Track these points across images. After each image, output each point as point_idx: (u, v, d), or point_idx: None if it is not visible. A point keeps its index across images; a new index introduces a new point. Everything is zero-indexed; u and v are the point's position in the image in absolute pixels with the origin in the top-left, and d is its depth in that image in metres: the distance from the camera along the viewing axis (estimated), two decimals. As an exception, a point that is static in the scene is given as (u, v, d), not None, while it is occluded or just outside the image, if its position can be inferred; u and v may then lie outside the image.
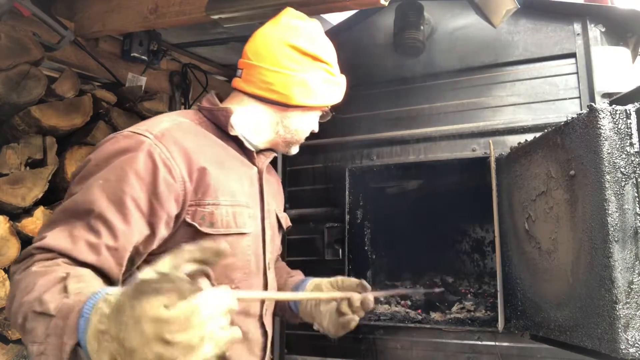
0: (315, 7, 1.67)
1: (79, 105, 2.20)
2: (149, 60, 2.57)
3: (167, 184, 1.03)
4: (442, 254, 2.89)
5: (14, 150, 2.03)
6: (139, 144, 1.04)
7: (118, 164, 1.00)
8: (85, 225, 0.95)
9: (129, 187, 0.99)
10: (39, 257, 0.90)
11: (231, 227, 1.15)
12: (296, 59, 1.25)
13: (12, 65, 1.97)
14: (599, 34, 1.93)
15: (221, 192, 1.13)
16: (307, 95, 1.27)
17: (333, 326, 1.33)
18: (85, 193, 0.98)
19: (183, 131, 1.13)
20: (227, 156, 1.21)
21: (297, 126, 1.33)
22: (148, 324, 0.66)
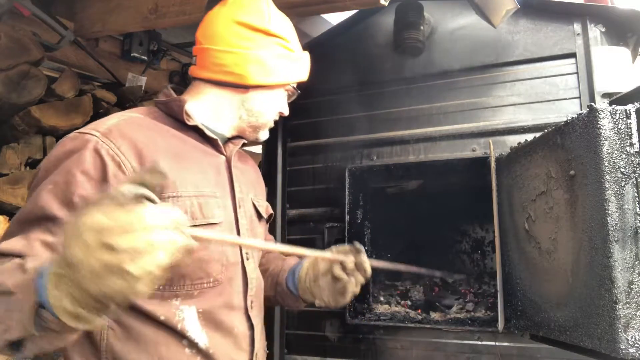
0: (315, 7, 1.67)
1: (79, 105, 2.21)
2: (149, 60, 2.58)
3: (118, 180, 1.00)
4: (442, 254, 2.89)
5: (14, 150, 2.03)
6: (84, 142, 1.01)
7: (65, 167, 0.99)
8: (40, 229, 0.94)
9: (78, 187, 0.97)
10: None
11: (198, 218, 1.10)
12: (247, 36, 1.19)
13: (12, 65, 1.97)
14: (599, 34, 1.93)
15: (180, 184, 1.09)
16: (264, 73, 1.21)
17: (332, 296, 1.30)
18: (36, 200, 0.96)
19: (132, 126, 1.09)
20: (185, 147, 1.17)
21: (260, 108, 1.26)
22: (89, 233, 0.65)
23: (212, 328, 1.12)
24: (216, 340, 1.12)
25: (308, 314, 2.20)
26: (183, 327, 1.07)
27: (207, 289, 1.12)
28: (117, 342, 1.03)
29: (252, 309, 1.24)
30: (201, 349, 1.09)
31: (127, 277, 0.65)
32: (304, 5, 1.64)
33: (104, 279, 0.65)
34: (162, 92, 1.24)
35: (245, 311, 1.22)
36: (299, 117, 2.37)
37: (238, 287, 1.20)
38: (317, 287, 1.33)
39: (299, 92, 1.36)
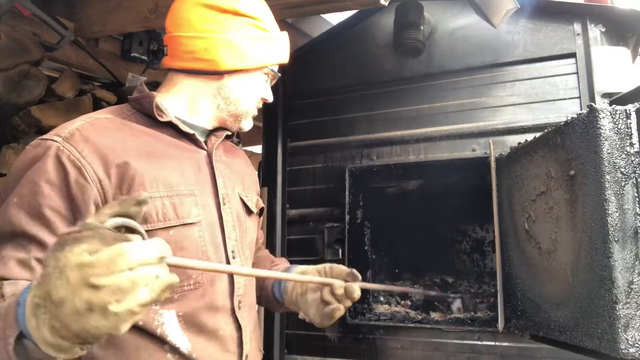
0: (315, 7, 1.67)
1: (79, 105, 2.21)
2: (149, 60, 2.57)
3: (80, 186, 0.96)
4: (442, 254, 2.89)
5: (14, 150, 2.03)
6: (45, 149, 0.97)
7: (29, 177, 0.95)
8: (12, 246, 0.91)
9: (43, 198, 0.93)
10: None
11: (170, 219, 1.05)
12: (215, 19, 1.12)
13: (12, 65, 1.97)
14: (599, 34, 1.93)
15: (150, 184, 1.04)
16: (237, 56, 1.13)
17: (318, 316, 1.26)
18: (3, 215, 0.93)
19: (97, 128, 1.04)
20: (159, 145, 1.10)
21: (238, 94, 1.19)
22: (72, 271, 0.64)
23: (195, 332, 1.08)
24: (200, 344, 1.09)
25: (308, 314, 2.20)
26: (163, 332, 1.04)
27: (188, 291, 1.08)
28: (97, 349, 1.00)
29: (240, 310, 1.19)
30: (184, 353, 1.06)
31: (110, 316, 0.65)
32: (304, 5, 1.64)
33: (86, 318, 0.65)
34: (136, 89, 1.18)
35: (232, 312, 1.17)
36: (299, 117, 2.37)
37: (223, 288, 1.15)
38: (304, 302, 1.29)
39: (280, 75, 1.28)
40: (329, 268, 1.30)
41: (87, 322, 0.65)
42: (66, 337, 0.68)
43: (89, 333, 0.66)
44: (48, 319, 0.67)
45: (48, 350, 0.69)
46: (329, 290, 1.23)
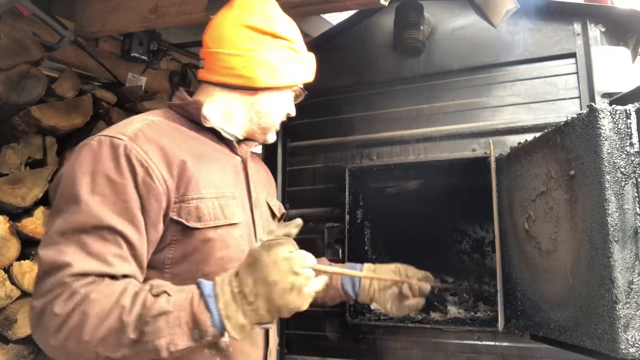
0: (315, 7, 1.67)
1: (79, 105, 2.21)
2: (149, 60, 2.58)
3: (147, 186, 1.02)
4: (442, 254, 2.89)
5: (14, 150, 2.03)
6: (114, 148, 1.02)
7: (105, 176, 1.00)
8: (99, 240, 0.96)
9: (125, 195, 1.00)
10: (79, 284, 0.91)
11: (220, 219, 1.13)
12: (254, 39, 1.20)
13: (12, 65, 1.97)
14: (599, 34, 1.93)
15: (203, 185, 1.11)
16: (272, 75, 1.22)
17: (397, 308, 1.52)
18: (86, 208, 0.96)
19: (156, 129, 1.11)
20: (205, 149, 1.18)
21: (269, 109, 1.27)
22: (283, 262, 0.96)
23: None
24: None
25: (308, 314, 2.20)
26: None
27: None
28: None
29: None
30: (221, 347, 1.10)
31: (303, 295, 0.98)
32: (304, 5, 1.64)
33: (289, 295, 0.96)
34: (176, 96, 1.26)
35: None
36: (299, 117, 2.35)
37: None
38: (382, 297, 1.53)
39: (306, 92, 1.38)
40: (404, 268, 1.57)
41: (289, 298, 0.96)
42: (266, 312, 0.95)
43: (287, 307, 0.96)
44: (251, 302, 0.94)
45: (236, 332, 0.94)
46: (407, 286, 1.50)
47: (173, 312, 0.91)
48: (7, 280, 1.93)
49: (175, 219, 1.07)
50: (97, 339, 0.89)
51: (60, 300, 0.90)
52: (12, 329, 1.91)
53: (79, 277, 0.92)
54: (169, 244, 1.08)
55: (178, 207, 1.07)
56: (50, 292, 0.91)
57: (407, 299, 1.50)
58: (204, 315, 0.92)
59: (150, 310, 0.90)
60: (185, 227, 1.08)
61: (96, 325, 0.89)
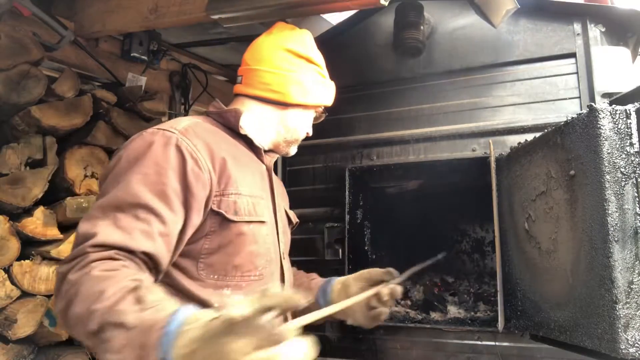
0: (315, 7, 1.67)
1: (79, 105, 2.20)
2: (149, 60, 2.57)
3: (195, 174, 1.10)
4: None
5: (14, 150, 2.03)
6: (166, 138, 1.11)
7: (152, 159, 1.07)
8: (131, 217, 1.00)
9: (167, 179, 1.06)
10: (95, 257, 0.93)
11: (253, 215, 1.22)
12: (291, 61, 1.36)
13: (12, 65, 1.97)
14: (599, 34, 1.93)
15: (240, 183, 1.21)
16: (303, 94, 1.36)
17: (365, 320, 1.46)
18: (126, 188, 1.02)
19: (201, 128, 1.22)
20: (239, 152, 1.29)
21: (296, 125, 1.41)
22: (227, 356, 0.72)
23: None
24: None
25: (308, 314, 2.20)
26: None
27: (253, 281, 1.22)
28: None
29: (286, 273, 1.39)
30: None
31: None
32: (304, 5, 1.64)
33: None
34: (212, 105, 1.38)
35: (281, 278, 1.36)
36: (299, 117, 2.37)
37: (277, 282, 1.33)
38: (350, 309, 1.43)
39: (327, 114, 1.51)
40: (367, 273, 1.50)
41: None
42: None
43: None
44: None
45: None
46: (375, 298, 1.42)
47: (132, 331, 0.81)
48: (7, 280, 1.93)
49: (215, 210, 1.15)
50: (77, 317, 0.88)
51: (77, 267, 0.92)
52: (12, 329, 1.91)
53: (100, 248, 0.94)
54: (206, 235, 1.15)
55: (219, 199, 1.16)
56: (73, 259, 0.95)
57: (373, 309, 1.45)
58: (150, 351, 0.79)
59: (115, 315, 0.83)
60: (224, 219, 1.16)
61: (80, 301, 0.88)
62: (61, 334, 2.07)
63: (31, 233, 1.99)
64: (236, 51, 3.01)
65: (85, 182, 2.21)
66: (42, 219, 2.04)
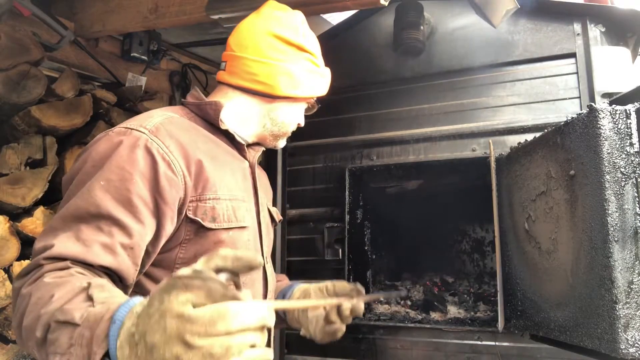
0: (315, 7, 1.67)
1: (79, 105, 2.20)
2: (149, 60, 2.57)
3: (168, 179, 1.00)
4: (442, 254, 2.89)
5: (14, 150, 2.03)
6: (135, 139, 1.00)
7: (116, 163, 0.96)
8: (93, 228, 0.91)
9: (133, 185, 0.95)
10: (49, 268, 0.85)
11: (232, 221, 1.13)
12: (280, 49, 1.22)
13: (12, 65, 1.97)
14: (599, 34, 1.93)
15: (219, 187, 1.11)
16: (293, 85, 1.24)
17: (320, 333, 1.29)
18: (87, 196, 0.93)
19: (175, 125, 1.10)
20: (219, 150, 1.18)
21: (284, 118, 1.29)
22: (171, 320, 0.62)
23: None
24: None
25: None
26: None
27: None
28: None
29: (267, 264, 1.29)
30: None
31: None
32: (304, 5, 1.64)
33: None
34: (191, 94, 1.25)
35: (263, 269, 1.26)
36: (299, 117, 2.37)
37: (259, 290, 1.24)
38: (306, 319, 1.31)
39: (319, 105, 1.40)
40: (332, 285, 1.32)
41: None
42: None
43: None
44: (139, 353, 0.64)
45: None
46: (335, 310, 1.24)
47: (80, 327, 0.72)
48: (7, 280, 1.93)
49: (191, 218, 1.06)
50: (26, 329, 0.80)
51: (30, 280, 0.85)
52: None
53: (54, 260, 0.87)
54: (180, 243, 1.07)
55: (195, 206, 1.06)
56: (27, 272, 0.88)
57: (332, 324, 1.26)
58: (97, 344, 0.70)
59: (62, 313, 0.74)
60: (200, 227, 1.07)
61: (29, 312, 0.79)
62: (61, 334, 2.07)
63: (31, 233, 1.99)
64: (236, 51, 3.01)
65: (85, 182, 2.21)
66: (42, 219, 2.04)
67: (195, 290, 0.63)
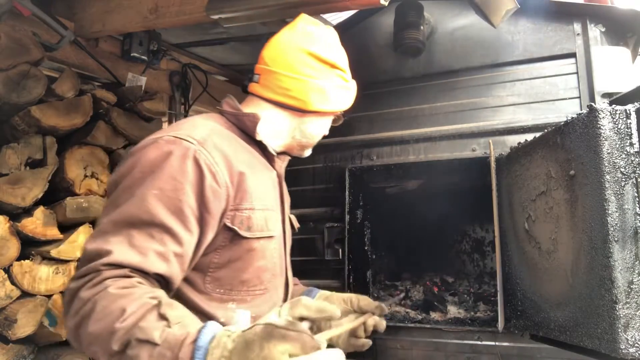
0: (315, 7, 1.67)
1: (79, 105, 2.20)
2: (149, 60, 2.57)
3: (213, 191, 1.04)
4: (442, 254, 2.89)
5: (14, 150, 2.03)
6: (185, 150, 1.04)
7: (169, 172, 1.01)
8: (146, 236, 0.95)
9: (184, 195, 1.00)
10: (109, 275, 0.90)
11: (264, 230, 1.17)
12: (313, 66, 1.27)
13: (12, 65, 1.97)
14: (599, 34, 1.93)
15: (255, 197, 1.15)
16: (324, 101, 1.28)
17: (344, 344, 1.35)
18: (140, 203, 0.97)
19: (219, 136, 1.14)
20: (255, 161, 1.23)
21: (313, 131, 1.34)
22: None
23: None
24: None
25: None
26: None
27: (258, 295, 1.19)
28: None
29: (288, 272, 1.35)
30: None
31: None
32: (304, 5, 1.64)
33: None
34: (227, 103, 1.29)
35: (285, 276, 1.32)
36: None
37: (280, 296, 1.29)
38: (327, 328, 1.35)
39: (345, 117, 1.44)
40: (356, 299, 1.38)
41: None
42: None
43: None
44: None
45: None
46: (362, 327, 1.33)
47: (160, 346, 0.82)
48: (7, 280, 1.93)
49: (229, 226, 1.10)
50: (93, 336, 0.86)
51: (89, 284, 0.90)
52: (12, 329, 1.91)
53: (114, 267, 0.92)
54: (215, 249, 1.11)
55: (232, 215, 1.11)
56: (85, 275, 0.92)
57: (357, 339, 1.34)
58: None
59: (140, 331, 0.83)
60: (235, 235, 1.11)
61: (97, 320, 0.86)
62: (61, 334, 2.07)
63: (31, 233, 1.99)
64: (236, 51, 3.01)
65: (85, 182, 2.21)
66: (42, 219, 2.04)
67: (290, 342, 0.77)
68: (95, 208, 2.19)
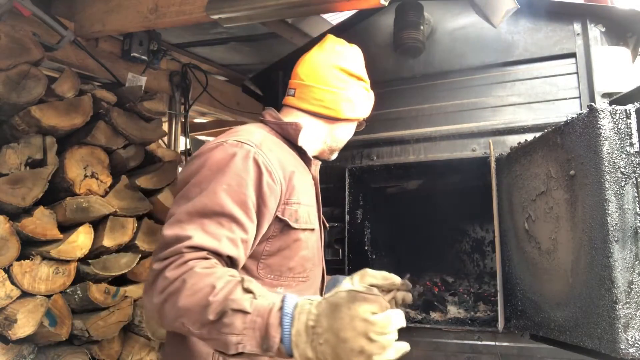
0: (315, 7, 1.68)
1: (79, 105, 2.20)
2: (149, 60, 2.57)
3: (269, 187, 1.19)
4: (442, 254, 2.89)
5: (14, 150, 2.03)
6: (246, 152, 1.20)
7: (235, 170, 1.16)
8: (216, 224, 1.10)
9: (247, 190, 1.15)
10: (191, 257, 1.03)
11: (308, 223, 1.33)
12: (343, 79, 1.45)
13: (12, 65, 1.97)
14: (599, 34, 1.93)
15: (301, 193, 1.31)
16: (352, 109, 1.47)
17: None
18: (211, 196, 1.12)
19: (271, 141, 1.32)
20: (297, 163, 1.39)
21: (342, 136, 1.53)
22: (360, 322, 0.91)
23: None
24: None
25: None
26: None
27: (301, 282, 1.34)
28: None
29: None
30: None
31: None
32: (304, 5, 1.64)
33: (355, 357, 0.91)
34: (268, 113, 1.46)
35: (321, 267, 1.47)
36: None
37: (317, 284, 1.44)
38: None
39: (367, 123, 1.61)
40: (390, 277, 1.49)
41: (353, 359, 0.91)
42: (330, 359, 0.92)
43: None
44: (321, 344, 0.91)
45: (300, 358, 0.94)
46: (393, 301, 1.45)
47: (251, 314, 0.95)
48: (7, 280, 1.93)
49: (280, 217, 1.26)
50: (184, 309, 0.97)
51: (173, 265, 1.02)
52: (12, 329, 1.91)
53: (195, 249, 1.04)
54: (268, 238, 1.26)
55: (283, 208, 1.26)
56: (168, 257, 1.04)
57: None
58: (275, 330, 0.94)
59: (233, 302, 0.95)
60: (285, 226, 1.27)
61: (188, 295, 0.97)
62: (61, 333, 2.07)
63: (31, 233, 1.99)
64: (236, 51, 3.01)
65: (85, 182, 2.21)
66: (42, 219, 2.05)
67: (371, 303, 0.94)
68: (95, 208, 2.19)
